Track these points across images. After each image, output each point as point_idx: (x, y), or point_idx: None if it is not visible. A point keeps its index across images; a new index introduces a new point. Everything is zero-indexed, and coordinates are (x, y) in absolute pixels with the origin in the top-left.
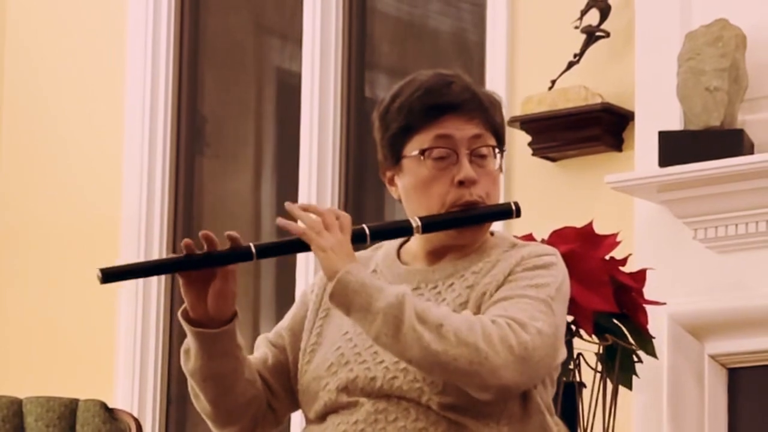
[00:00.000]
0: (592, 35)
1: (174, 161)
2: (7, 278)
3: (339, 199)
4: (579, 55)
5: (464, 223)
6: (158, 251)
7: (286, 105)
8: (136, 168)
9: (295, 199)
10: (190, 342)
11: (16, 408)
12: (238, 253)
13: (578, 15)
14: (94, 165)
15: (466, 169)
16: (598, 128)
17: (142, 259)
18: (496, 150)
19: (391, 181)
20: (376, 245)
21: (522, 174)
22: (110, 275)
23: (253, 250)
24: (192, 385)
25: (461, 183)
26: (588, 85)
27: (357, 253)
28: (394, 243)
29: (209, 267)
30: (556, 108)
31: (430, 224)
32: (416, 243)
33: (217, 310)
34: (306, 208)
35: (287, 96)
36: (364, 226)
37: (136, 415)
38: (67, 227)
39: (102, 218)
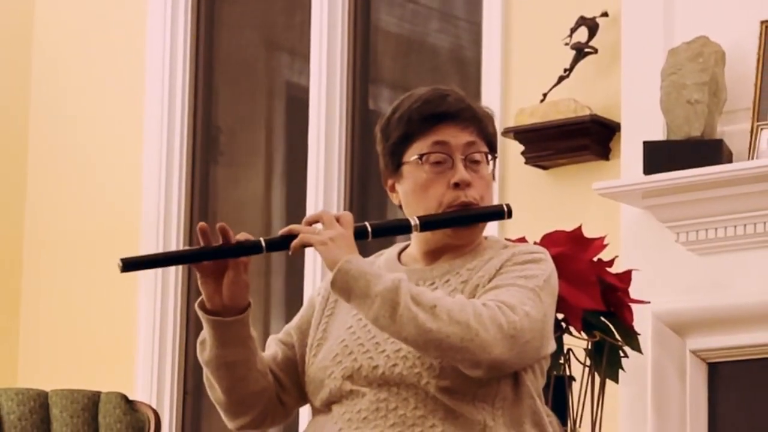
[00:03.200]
0: (581, 51)
1: (190, 169)
2: (35, 282)
3: (344, 205)
4: (569, 70)
5: (460, 223)
6: None
7: (295, 117)
8: (155, 176)
9: (303, 204)
10: (206, 332)
11: (42, 400)
12: (249, 246)
13: (568, 32)
14: (116, 173)
15: (461, 172)
16: (586, 138)
17: None
18: (489, 156)
19: (392, 188)
20: (379, 253)
21: (515, 181)
22: (130, 264)
23: (263, 243)
24: (207, 376)
25: (457, 185)
26: (577, 98)
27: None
28: (395, 250)
29: (222, 258)
30: (547, 119)
31: (428, 222)
32: (415, 246)
33: (231, 300)
34: (306, 221)
35: (296, 108)
36: (366, 223)
37: (154, 406)
38: (90, 232)
39: (123, 222)
